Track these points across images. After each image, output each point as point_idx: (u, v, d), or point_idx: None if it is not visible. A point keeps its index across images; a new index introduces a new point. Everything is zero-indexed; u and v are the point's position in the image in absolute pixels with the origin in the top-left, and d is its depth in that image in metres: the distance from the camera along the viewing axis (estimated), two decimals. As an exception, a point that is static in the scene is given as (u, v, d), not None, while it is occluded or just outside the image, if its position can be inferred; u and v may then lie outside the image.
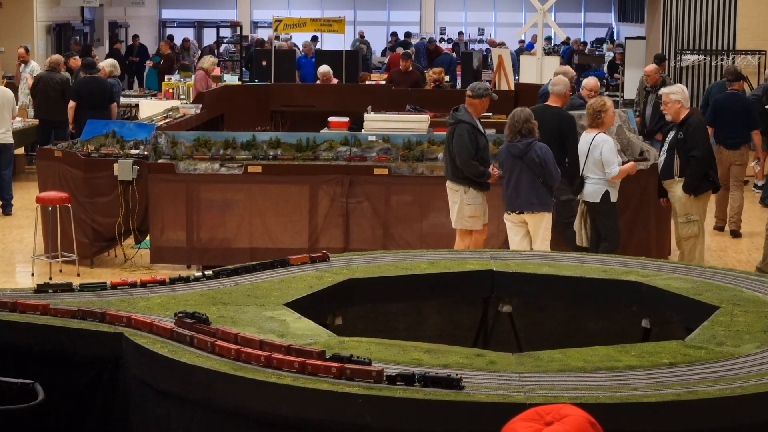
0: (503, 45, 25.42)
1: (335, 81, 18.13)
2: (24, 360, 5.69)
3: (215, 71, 18.66)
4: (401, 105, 15.19)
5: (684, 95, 10.25)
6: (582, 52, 29.53)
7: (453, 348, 5.39)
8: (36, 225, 11.40)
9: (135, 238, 11.50)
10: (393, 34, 32.22)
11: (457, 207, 9.79)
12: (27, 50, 18.63)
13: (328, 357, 4.96)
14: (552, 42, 30.67)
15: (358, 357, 4.93)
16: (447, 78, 20.66)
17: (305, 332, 5.54)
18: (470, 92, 9.96)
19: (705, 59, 20.76)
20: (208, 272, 6.63)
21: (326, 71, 17.90)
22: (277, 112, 16.76)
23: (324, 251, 7.15)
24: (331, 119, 14.02)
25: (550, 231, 9.46)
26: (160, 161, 11.16)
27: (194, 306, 5.85)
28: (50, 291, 6.21)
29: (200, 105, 14.46)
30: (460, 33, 34.24)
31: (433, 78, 18.21)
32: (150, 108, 15.90)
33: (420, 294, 6.87)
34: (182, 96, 17.76)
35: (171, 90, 18.42)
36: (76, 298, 6.10)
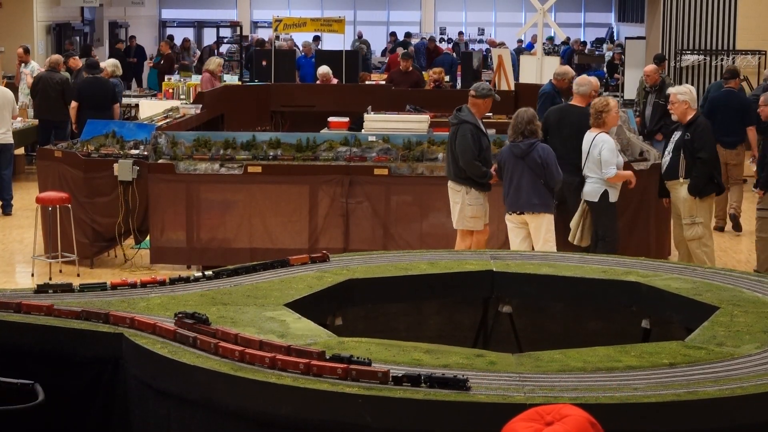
0: (503, 45, 25.41)
1: (335, 81, 18.12)
2: (24, 360, 5.68)
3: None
4: (401, 105, 15.19)
5: (692, 96, 10.18)
6: (582, 52, 29.53)
7: (453, 348, 5.38)
8: (36, 225, 11.40)
9: (135, 239, 11.50)
10: (392, 34, 32.21)
11: (459, 207, 9.79)
12: (27, 50, 18.59)
13: (328, 357, 4.96)
14: (554, 42, 30.66)
15: (358, 357, 4.93)
16: (447, 78, 20.64)
17: (305, 333, 5.54)
18: (474, 92, 9.96)
19: (705, 59, 20.77)
20: (208, 272, 6.63)
21: (326, 72, 17.86)
22: (277, 113, 16.74)
23: (324, 251, 7.14)
24: (331, 119, 14.02)
25: (554, 232, 9.47)
26: (160, 161, 11.17)
27: (194, 306, 5.85)
28: (50, 291, 6.20)
29: (200, 105, 14.45)
30: (460, 33, 34.23)
31: (433, 78, 18.20)
32: (150, 108, 15.89)
33: (420, 294, 6.87)
34: (182, 96, 17.75)
35: (171, 90, 18.41)
36: (77, 299, 6.09)
